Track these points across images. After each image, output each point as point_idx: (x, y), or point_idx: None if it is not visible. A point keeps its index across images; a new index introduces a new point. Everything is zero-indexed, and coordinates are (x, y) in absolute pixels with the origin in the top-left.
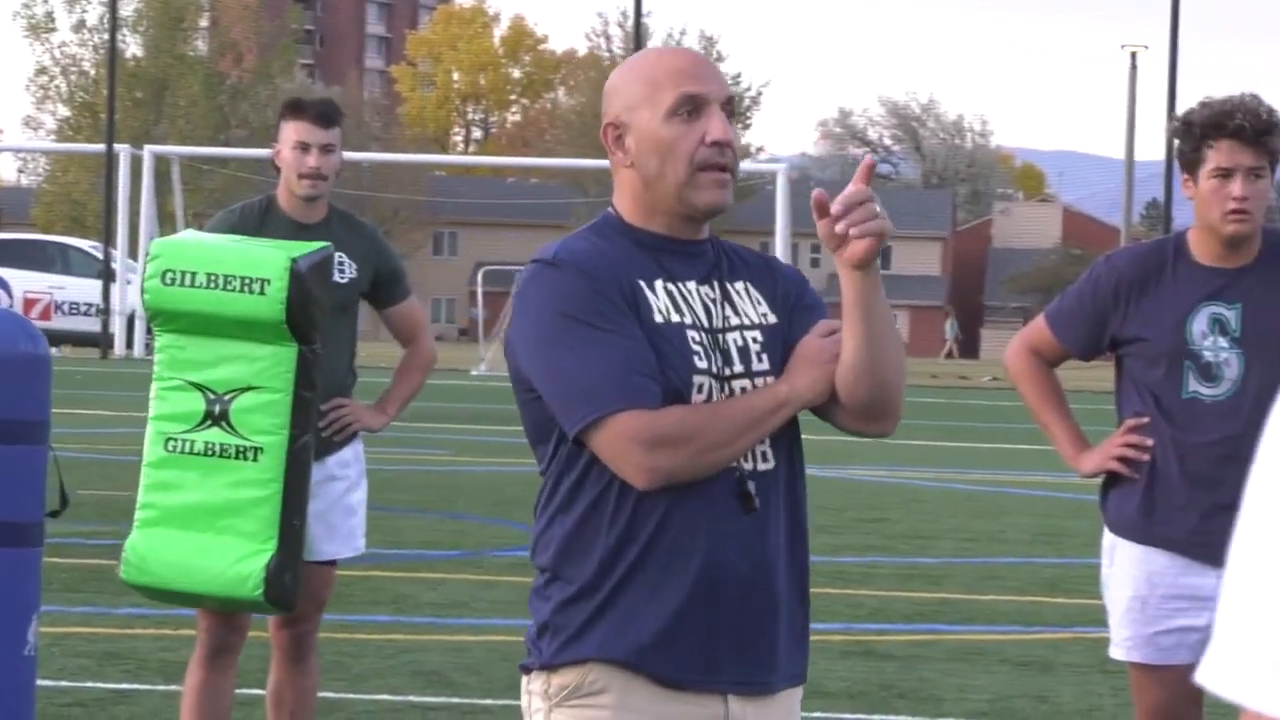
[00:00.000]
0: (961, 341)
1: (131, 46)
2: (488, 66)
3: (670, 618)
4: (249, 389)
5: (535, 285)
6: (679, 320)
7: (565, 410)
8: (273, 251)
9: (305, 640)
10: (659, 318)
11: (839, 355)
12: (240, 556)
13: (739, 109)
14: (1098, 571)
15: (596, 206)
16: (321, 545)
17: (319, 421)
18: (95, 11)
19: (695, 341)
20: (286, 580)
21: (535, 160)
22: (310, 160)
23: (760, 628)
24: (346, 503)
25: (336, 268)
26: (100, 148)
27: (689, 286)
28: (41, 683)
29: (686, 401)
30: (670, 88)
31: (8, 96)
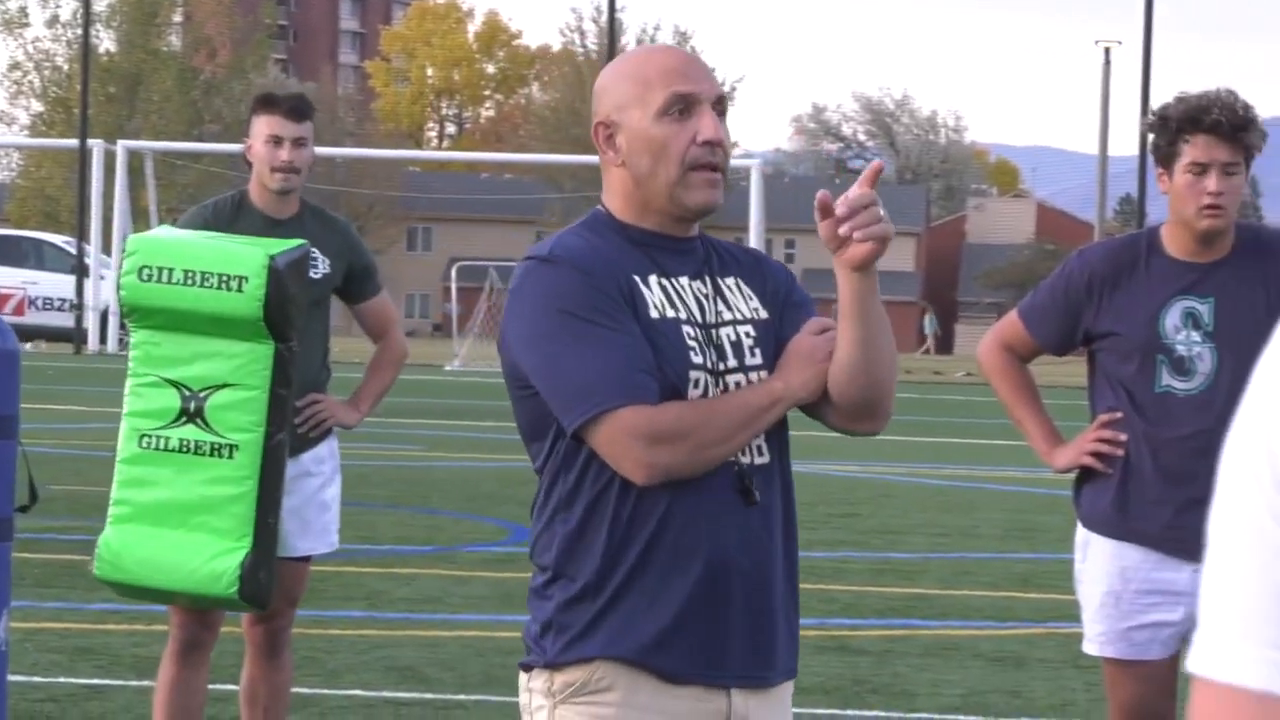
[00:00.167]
0: (939, 337)
1: (105, 41)
2: (462, 62)
3: (675, 613)
4: (225, 386)
5: (531, 282)
6: (674, 316)
7: (564, 406)
8: (250, 249)
9: (279, 636)
10: (654, 313)
11: (832, 353)
12: (214, 554)
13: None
14: (1071, 567)
15: (571, 202)
16: (296, 541)
17: (294, 418)
18: (69, 6)
19: (690, 337)
20: (261, 578)
21: (509, 156)
22: (283, 154)
23: (762, 621)
24: (321, 499)
25: (310, 264)
26: (73, 143)
27: (682, 282)
28: (13, 678)
29: (683, 397)
30: (661, 87)
31: None
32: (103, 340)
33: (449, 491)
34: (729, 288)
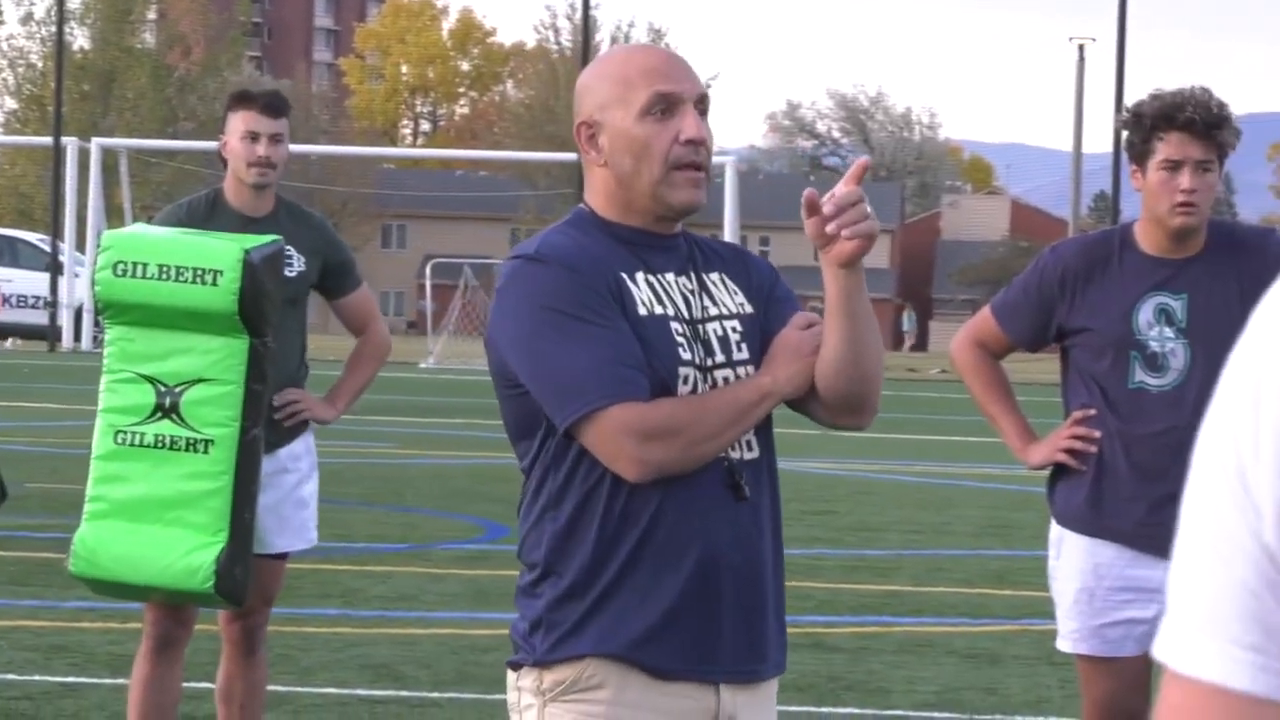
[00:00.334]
0: (916, 334)
1: (79, 39)
2: (436, 59)
3: (666, 609)
4: (200, 381)
5: (518, 281)
6: (662, 312)
7: (555, 405)
8: (225, 243)
9: (255, 633)
10: (643, 310)
11: (819, 348)
12: (190, 549)
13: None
14: (1045, 563)
15: (545, 199)
16: (273, 538)
17: (270, 413)
18: (43, 4)
19: (678, 333)
20: (237, 573)
21: (484, 153)
22: (259, 149)
23: (752, 616)
24: (298, 495)
25: (285, 262)
26: (47, 140)
27: (668, 278)
28: None
29: (673, 393)
30: (643, 87)
31: None
32: (77, 338)
33: (424, 489)
34: (714, 283)
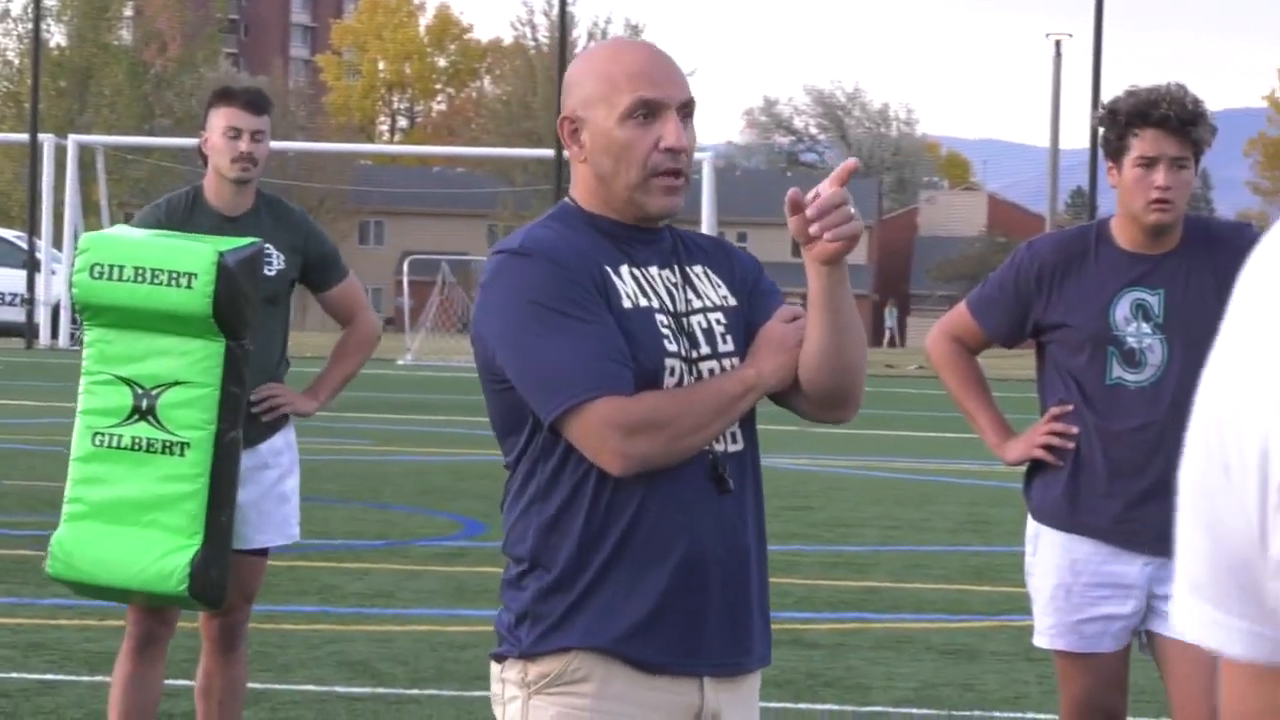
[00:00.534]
0: (896, 330)
1: (55, 36)
2: (413, 55)
3: (652, 603)
4: (176, 384)
5: (504, 275)
6: (647, 305)
7: (540, 399)
8: (201, 246)
9: (235, 630)
10: (627, 303)
11: (802, 341)
12: (165, 551)
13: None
14: (1023, 559)
15: (523, 196)
16: (253, 534)
17: (253, 408)
18: (19, 1)
19: (664, 325)
20: (213, 575)
21: (461, 149)
22: (241, 145)
23: (737, 608)
24: (279, 491)
25: (264, 260)
26: (24, 137)
27: (652, 271)
28: None
29: (658, 386)
30: (627, 90)
31: None
32: (54, 335)
33: (401, 486)
34: (697, 276)
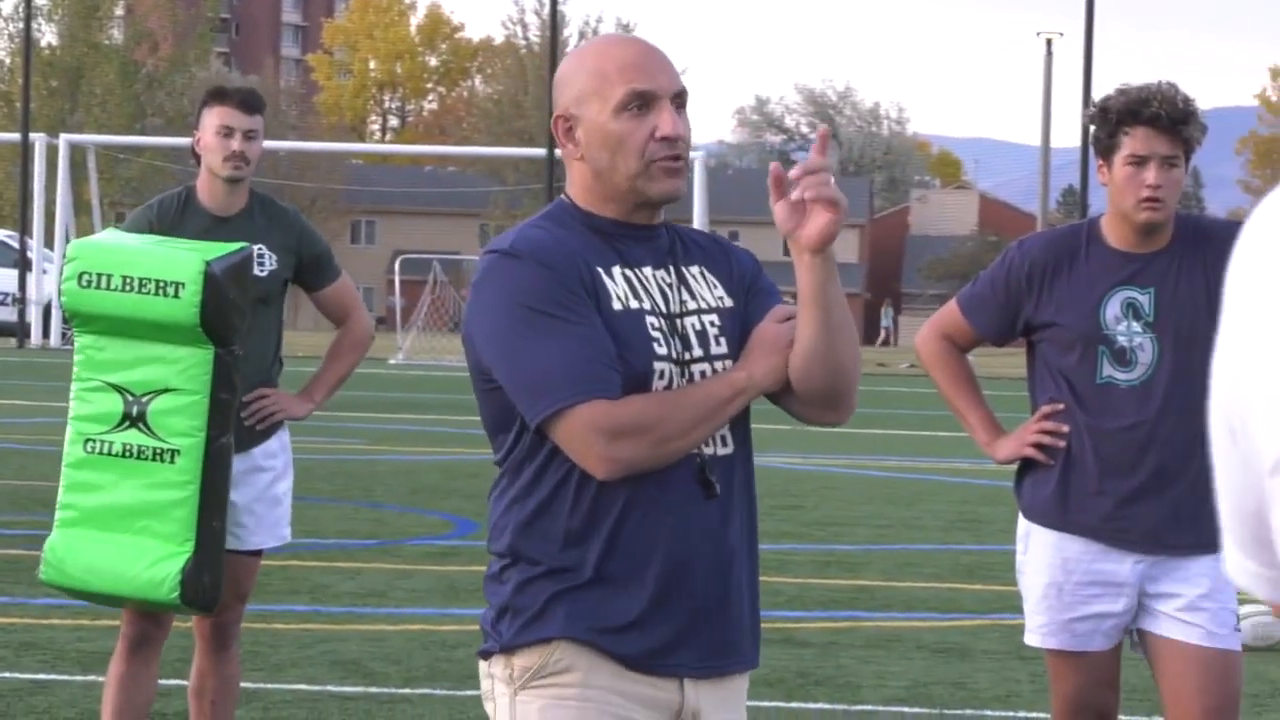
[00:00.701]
0: (893, 330)
1: (46, 35)
2: (404, 55)
3: (636, 603)
4: (166, 391)
5: (493, 276)
6: (637, 307)
7: (526, 401)
8: (188, 254)
9: (228, 630)
10: (617, 305)
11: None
12: (156, 559)
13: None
14: (1015, 558)
15: (515, 195)
16: (247, 535)
17: (243, 412)
18: (10, 0)
19: (654, 328)
20: (205, 581)
21: (452, 149)
22: (234, 144)
23: (721, 612)
24: (273, 493)
25: (257, 262)
26: (15, 137)
27: (645, 272)
28: None
29: (648, 389)
30: (620, 83)
31: None
32: (45, 335)
33: (393, 485)
34: (694, 276)
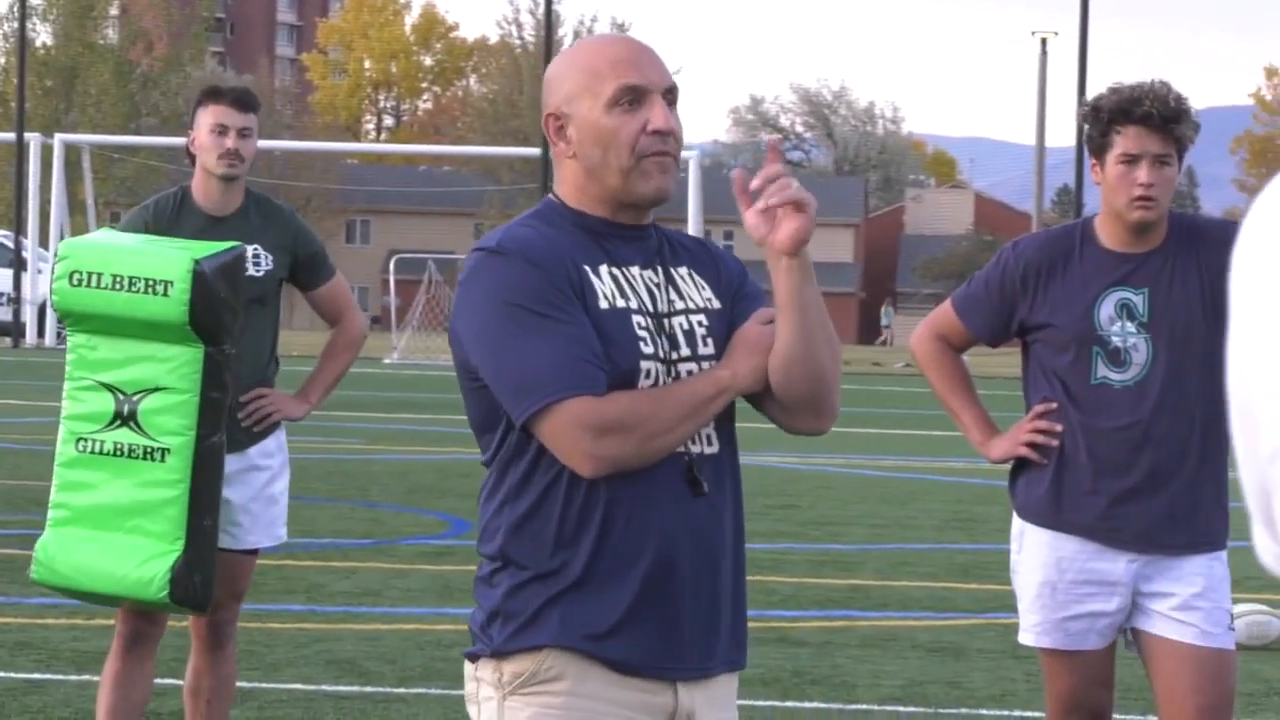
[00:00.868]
0: (893, 330)
1: (41, 35)
2: (399, 54)
3: (626, 604)
4: (157, 389)
5: (481, 274)
6: (624, 305)
7: (512, 399)
8: (178, 253)
9: (224, 629)
10: (604, 304)
11: None
12: (147, 558)
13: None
14: (1009, 557)
15: (509, 195)
16: (243, 534)
17: (240, 412)
18: (4, 0)
19: (641, 326)
20: (196, 580)
21: (447, 148)
22: (228, 142)
23: (711, 612)
24: (269, 493)
25: (251, 261)
26: (10, 136)
27: (633, 271)
28: None
29: (633, 387)
30: (611, 78)
31: None
32: (40, 334)
33: (388, 485)
34: (681, 277)
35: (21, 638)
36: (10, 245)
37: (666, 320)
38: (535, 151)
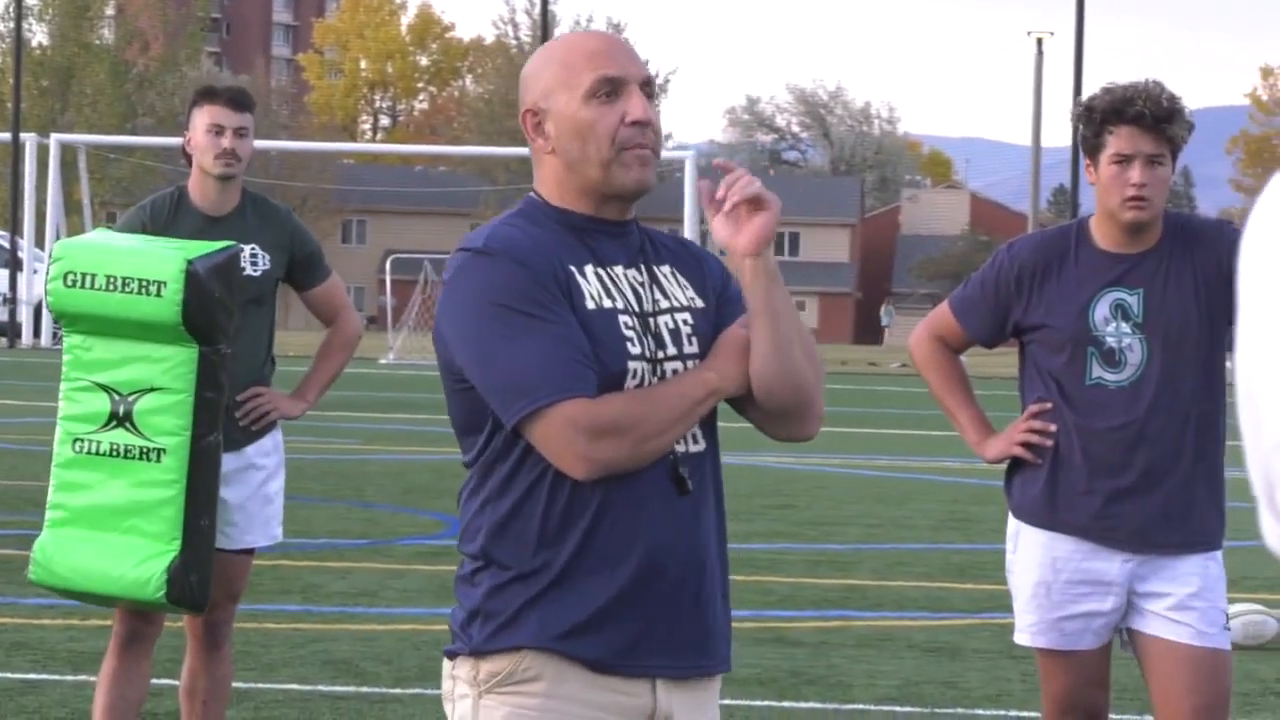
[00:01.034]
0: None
1: (37, 35)
2: (395, 54)
3: (608, 603)
4: (152, 390)
5: (467, 274)
6: (610, 305)
7: (502, 402)
8: (171, 252)
9: (220, 629)
10: (591, 304)
11: None
12: (143, 558)
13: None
14: (1005, 557)
15: (505, 194)
16: (239, 534)
17: (236, 411)
18: (0, 0)
19: (627, 326)
20: (193, 580)
21: (443, 148)
22: (224, 142)
23: (694, 611)
24: (265, 492)
25: (249, 260)
26: (6, 137)
27: (617, 271)
28: None
29: (621, 388)
30: (587, 71)
31: None
32: (36, 334)
33: (384, 485)
34: (665, 276)
35: (17, 638)
36: (6, 246)
37: (652, 319)
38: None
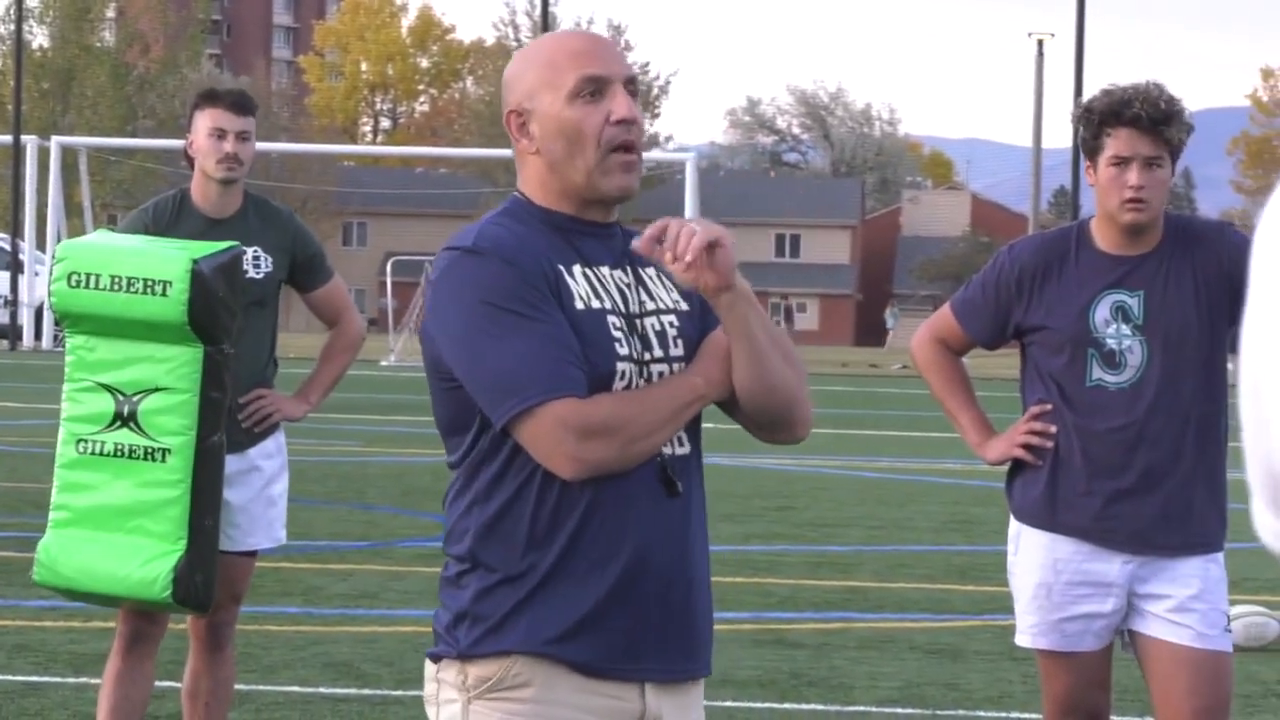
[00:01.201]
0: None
1: (38, 37)
2: (395, 56)
3: (597, 606)
4: (156, 390)
5: (455, 273)
6: (599, 306)
7: (492, 401)
8: (176, 252)
9: (222, 631)
10: (580, 304)
11: None
12: (149, 558)
13: (648, 97)
14: (1006, 559)
15: (506, 196)
16: (243, 536)
17: (239, 413)
18: (0, 3)
19: (615, 327)
20: (198, 580)
21: (444, 150)
22: (227, 145)
23: (683, 614)
24: (268, 494)
25: (252, 263)
26: (7, 139)
27: (604, 271)
28: None
29: (609, 388)
30: (571, 70)
31: None
32: (38, 336)
33: (385, 487)
34: (650, 277)
35: (19, 640)
36: (7, 248)
37: (638, 321)
38: None
